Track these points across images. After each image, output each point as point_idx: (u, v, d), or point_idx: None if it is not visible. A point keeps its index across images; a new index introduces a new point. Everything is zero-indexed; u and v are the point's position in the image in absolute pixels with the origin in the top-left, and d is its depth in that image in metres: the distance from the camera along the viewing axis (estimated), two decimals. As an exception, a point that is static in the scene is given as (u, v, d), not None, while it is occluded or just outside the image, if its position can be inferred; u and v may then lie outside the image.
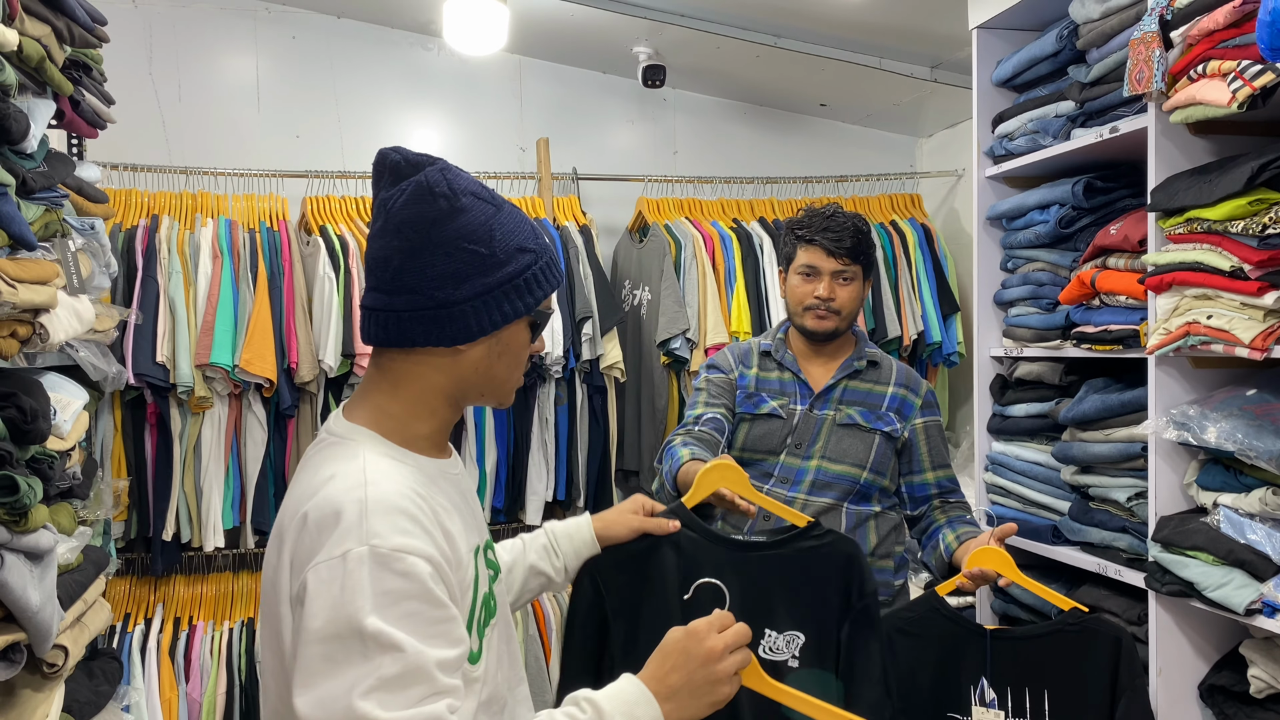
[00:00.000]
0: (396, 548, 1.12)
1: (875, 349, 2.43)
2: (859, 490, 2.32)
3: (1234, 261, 1.94)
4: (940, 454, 2.39)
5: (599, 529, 1.70)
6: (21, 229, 1.85)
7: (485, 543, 1.37)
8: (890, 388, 2.38)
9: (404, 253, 1.22)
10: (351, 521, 1.13)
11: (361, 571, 1.10)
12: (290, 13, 3.80)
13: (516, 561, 1.64)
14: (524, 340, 1.30)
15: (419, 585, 1.12)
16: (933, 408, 2.41)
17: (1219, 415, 2.03)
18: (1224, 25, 1.92)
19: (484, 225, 1.23)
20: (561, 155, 3.85)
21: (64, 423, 2.07)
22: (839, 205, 2.39)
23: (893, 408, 2.35)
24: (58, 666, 1.97)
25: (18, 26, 1.95)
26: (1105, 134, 2.39)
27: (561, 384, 3.55)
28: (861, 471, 2.31)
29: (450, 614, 1.15)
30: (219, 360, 3.14)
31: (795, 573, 1.82)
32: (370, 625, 1.08)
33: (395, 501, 1.15)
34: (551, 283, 1.29)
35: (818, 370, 2.38)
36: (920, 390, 2.40)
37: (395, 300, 1.23)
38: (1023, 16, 2.78)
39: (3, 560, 1.72)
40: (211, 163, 3.53)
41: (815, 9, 3.23)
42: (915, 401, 2.38)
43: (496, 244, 1.23)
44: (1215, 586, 2.00)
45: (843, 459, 2.31)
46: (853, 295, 2.33)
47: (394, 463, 1.23)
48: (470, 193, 1.25)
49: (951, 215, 4.08)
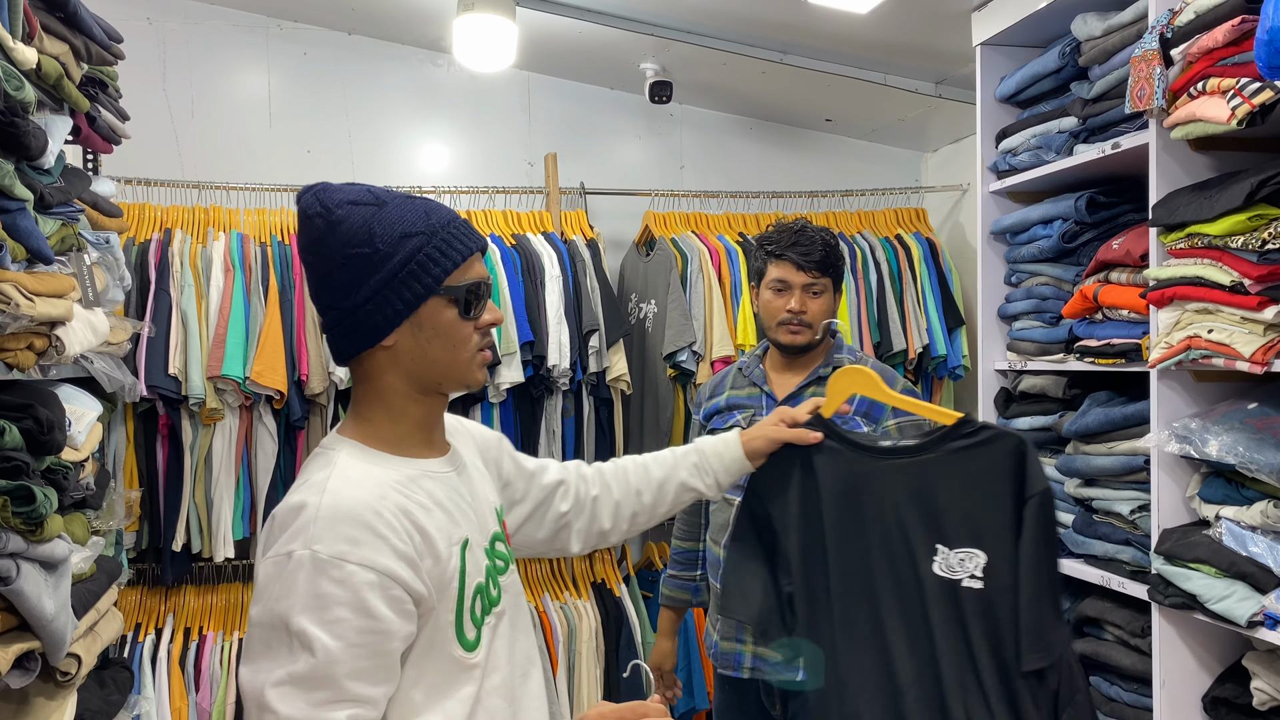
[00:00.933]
0: (336, 555, 1.18)
1: (849, 354, 2.40)
2: None
3: (1234, 276, 1.96)
4: None
5: (745, 443, 1.74)
6: (39, 243, 1.89)
7: (493, 535, 1.42)
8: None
9: (313, 278, 1.32)
10: (302, 524, 1.20)
11: (299, 574, 1.17)
12: (302, 29, 3.85)
13: (668, 478, 1.73)
14: (449, 319, 1.31)
15: (351, 594, 1.17)
16: None
17: (1220, 429, 2.04)
18: (1223, 43, 1.95)
19: (363, 227, 1.27)
20: (569, 170, 3.88)
21: (78, 434, 2.10)
22: (807, 220, 2.41)
23: (861, 410, 2.29)
24: (71, 675, 1.99)
25: (37, 45, 1.99)
26: (1107, 150, 2.41)
27: (569, 396, 3.57)
28: None
29: (383, 627, 1.20)
30: (230, 372, 3.17)
31: (956, 478, 1.67)
32: (295, 624, 1.16)
33: (349, 509, 1.21)
34: (450, 256, 1.29)
35: (789, 381, 2.37)
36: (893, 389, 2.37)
37: (325, 320, 1.32)
38: (1026, 33, 2.81)
39: (19, 569, 1.75)
40: (224, 177, 3.57)
41: (821, 25, 3.26)
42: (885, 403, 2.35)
43: (378, 239, 1.26)
44: (1218, 599, 2.01)
45: None
46: (823, 308, 2.34)
47: (367, 466, 1.28)
48: (347, 202, 1.29)
49: (957, 229, 4.10)
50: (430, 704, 1.27)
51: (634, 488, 1.72)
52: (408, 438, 1.35)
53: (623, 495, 1.71)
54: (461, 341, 1.33)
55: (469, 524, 1.36)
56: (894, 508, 1.70)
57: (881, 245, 3.78)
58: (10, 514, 1.72)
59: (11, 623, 1.78)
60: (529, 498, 1.65)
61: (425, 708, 1.27)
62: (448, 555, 1.29)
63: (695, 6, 3.28)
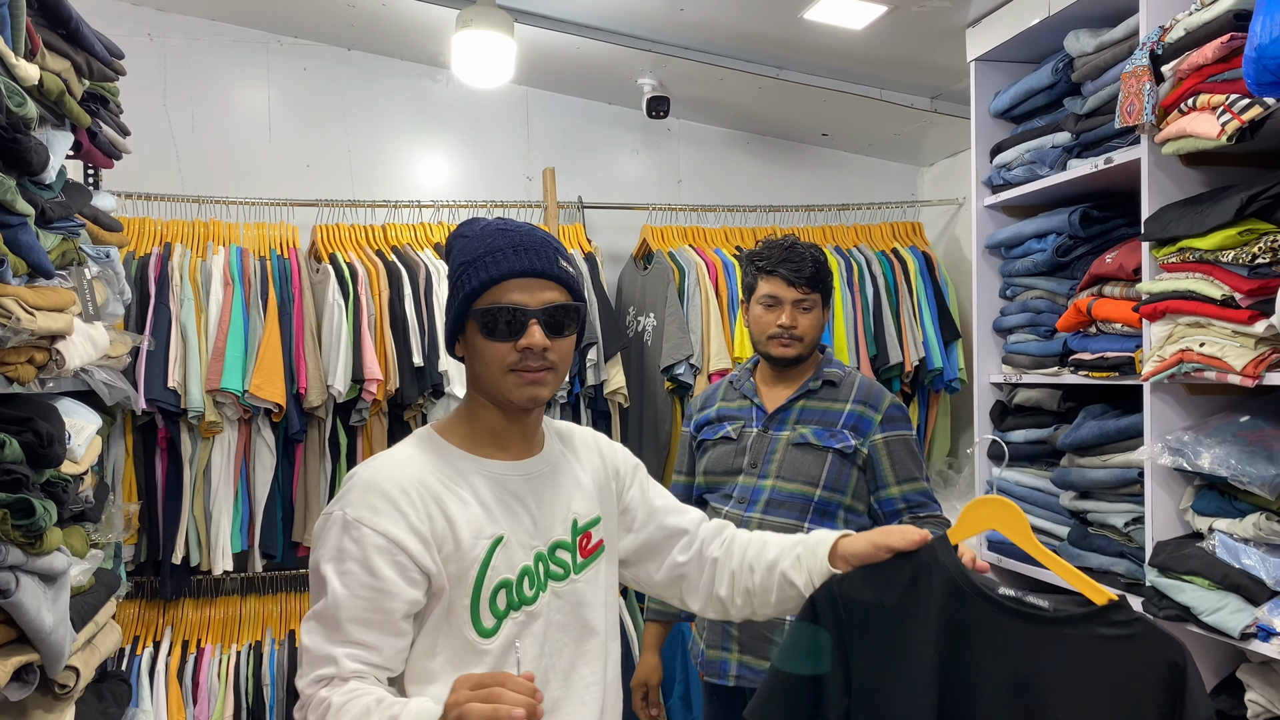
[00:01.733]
0: (357, 519, 1.37)
1: (838, 368, 2.43)
2: (817, 508, 2.32)
3: (1225, 290, 1.97)
4: (906, 468, 2.34)
5: (841, 541, 1.50)
6: (40, 258, 1.90)
7: (555, 543, 1.50)
8: (848, 405, 2.36)
9: None
10: (345, 490, 1.43)
11: (332, 530, 1.39)
12: (302, 45, 3.87)
13: (777, 562, 1.57)
14: (480, 341, 1.44)
15: (361, 552, 1.36)
16: (897, 422, 2.36)
17: (1213, 441, 2.06)
18: (1212, 60, 1.97)
19: (453, 258, 1.47)
20: (567, 184, 3.90)
21: (78, 447, 2.11)
22: (796, 236, 2.45)
23: (849, 425, 2.33)
24: (69, 688, 2.00)
25: (39, 61, 2.01)
26: (1100, 164, 2.44)
27: (566, 409, 3.58)
28: (814, 489, 2.32)
29: (385, 587, 1.35)
30: (229, 385, 3.18)
31: (1088, 667, 1.32)
32: (322, 569, 1.38)
33: (378, 484, 1.40)
34: (472, 283, 1.42)
35: (779, 394, 2.42)
36: (881, 405, 2.36)
37: None
38: (1019, 49, 2.83)
39: (18, 582, 1.76)
40: (223, 192, 3.59)
41: (816, 41, 3.29)
42: (874, 417, 2.34)
43: (453, 269, 1.46)
44: (1211, 611, 2.02)
45: (795, 478, 2.33)
46: (813, 322, 2.38)
47: (420, 452, 1.47)
48: (460, 235, 1.49)
49: (953, 243, 4.12)
50: (443, 676, 1.38)
51: (748, 561, 1.60)
52: (480, 438, 1.49)
53: (738, 566, 1.61)
54: (491, 360, 1.44)
55: (515, 525, 1.46)
56: (997, 673, 1.35)
57: (878, 259, 3.80)
58: (10, 527, 1.73)
59: (10, 635, 1.79)
60: (643, 532, 1.66)
61: (438, 677, 1.40)
62: (471, 545, 1.41)
63: (692, 22, 3.31)
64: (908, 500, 2.34)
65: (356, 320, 3.35)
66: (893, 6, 2.96)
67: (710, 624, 2.39)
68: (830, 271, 2.42)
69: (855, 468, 2.34)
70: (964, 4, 2.88)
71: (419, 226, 3.68)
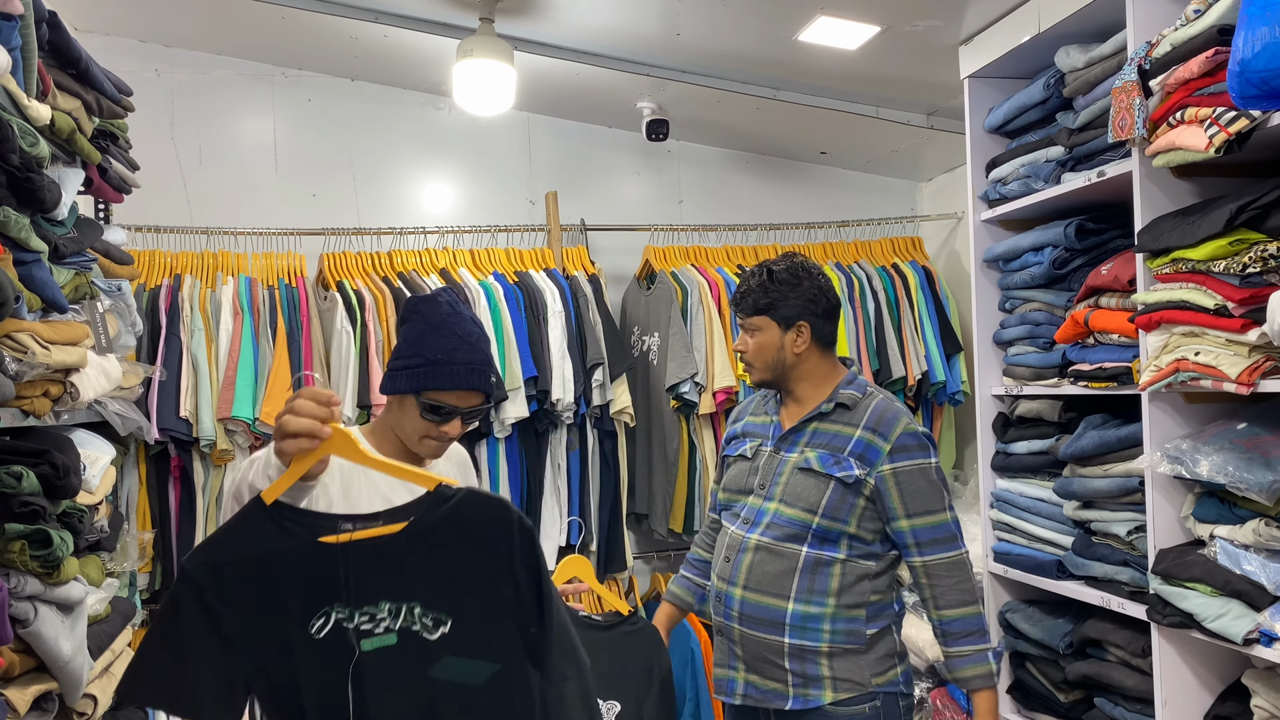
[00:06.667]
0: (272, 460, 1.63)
1: (857, 390, 2.32)
2: (816, 534, 2.25)
3: (1218, 300, 2.00)
4: (919, 501, 2.21)
5: None
6: (54, 293, 1.95)
7: None
8: (858, 431, 2.25)
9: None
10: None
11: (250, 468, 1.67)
12: (306, 77, 3.93)
13: None
14: (414, 412, 1.85)
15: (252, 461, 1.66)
16: (910, 451, 2.22)
17: (1211, 449, 2.08)
18: (1199, 74, 2.00)
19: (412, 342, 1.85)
20: (570, 207, 3.95)
21: (93, 478, 2.15)
22: (765, 263, 2.38)
23: (856, 452, 2.23)
24: (87, 716, 2.03)
25: (50, 101, 2.06)
26: (1094, 178, 2.47)
27: (573, 429, 3.61)
28: (813, 517, 2.24)
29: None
30: (240, 413, 3.22)
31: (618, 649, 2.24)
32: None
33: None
34: (433, 381, 1.82)
35: (794, 413, 2.35)
36: (891, 434, 2.23)
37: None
38: (1012, 66, 2.87)
39: (36, 611, 1.79)
40: (231, 223, 3.64)
41: (812, 62, 3.34)
42: (882, 446, 2.22)
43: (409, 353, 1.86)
44: (1214, 617, 2.04)
45: (796, 503, 2.27)
46: (759, 345, 2.32)
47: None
48: (421, 316, 1.87)
49: (953, 256, 4.15)
50: None
51: None
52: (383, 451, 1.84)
53: None
54: (416, 429, 1.87)
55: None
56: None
57: (878, 274, 3.83)
58: (28, 557, 1.77)
59: (30, 664, 1.82)
60: None
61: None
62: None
63: (689, 47, 3.36)
64: (916, 536, 2.22)
65: (364, 346, 3.39)
66: (886, 27, 3.00)
67: (717, 643, 2.39)
68: (781, 293, 2.31)
69: (861, 497, 2.23)
70: (956, 23, 2.92)
71: (424, 252, 3.72)
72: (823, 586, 2.23)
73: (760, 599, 2.27)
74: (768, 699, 2.27)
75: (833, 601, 2.23)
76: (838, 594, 2.23)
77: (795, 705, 2.24)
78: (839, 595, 2.23)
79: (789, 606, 2.23)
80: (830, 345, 2.35)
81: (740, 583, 2.29)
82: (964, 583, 2.19)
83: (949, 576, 2.19)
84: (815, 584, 2.23)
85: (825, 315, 2.33)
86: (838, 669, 2.22)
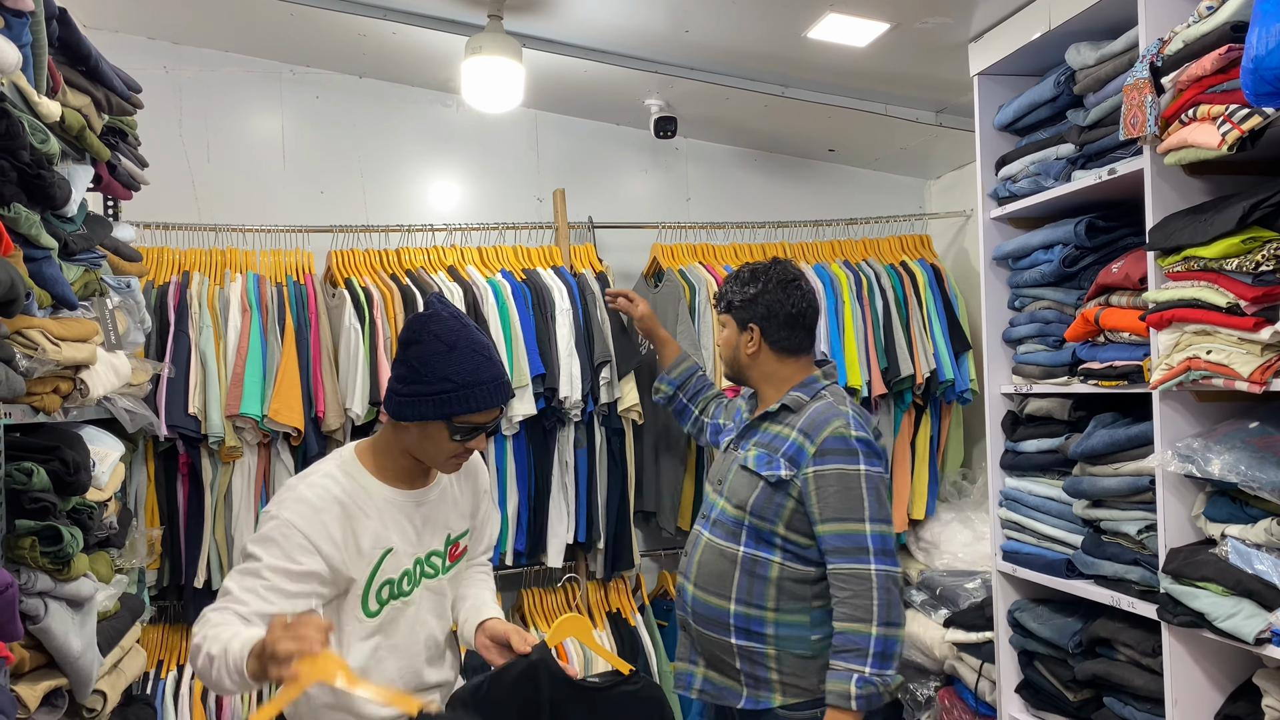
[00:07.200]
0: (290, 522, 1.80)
1: (803, 393, 2.36)
2: (749, 532, 2.30)
3: (1230, 298, 1.99)
4: (831, 506, 2.21)
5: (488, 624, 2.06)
6: (64, 290, 1.95)
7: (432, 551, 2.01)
8: (793, 433, 2.30)
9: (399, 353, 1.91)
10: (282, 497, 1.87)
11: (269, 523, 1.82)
12: (314, 74, 3.94)
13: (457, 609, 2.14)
14: (443, 436, 1.87)
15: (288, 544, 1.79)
16: (834, 455, 2.23)
17: (1223, 448, 2.07)
18: (1211, 71, 1.99)
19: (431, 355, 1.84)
20: (577, 205, 3.94)
21: (102, 474, 2.16)
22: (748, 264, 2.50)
23: (788, 454, 2.27)
24: (97, 712, 2.03)
25: (60, 98, 2.06)
26: (1104, 175, 2.46)
27: (580, 427, 3.61)
28: (743, 514, 2.31)
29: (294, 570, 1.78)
30: (248, 411, 3.22)
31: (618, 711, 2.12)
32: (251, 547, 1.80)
33: (308, 499, 1.85)
34: (465, 405, 1.83)
35: (758, 412, 2.44)
36: (818, 437, 2.25)
37: (390, 382, 1.91)
38: (1022, 63, 2.86)
39: (46, 608, 1.80)
40: (240, 220, 3.64)
41: (821, 59, 3.33)
42: (809, 449, 2.25)
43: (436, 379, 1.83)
44: (1225, 617, 2.03)
45: (733, 499, 2.34)
46: (723, 341, 2.49)
47: (341, 474, 1.91)
48: (436, 338, 1.85)
49: (961, 254, 4.14)
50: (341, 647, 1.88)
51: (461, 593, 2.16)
52: (389, 468, 1.95)
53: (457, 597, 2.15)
54: (444, 452, 1.90)
55: (403, 539, 1.94)
56: None
57: (887, 272, 3.82)
58: (39, 553, 1.77)
59: (39, 660, 1.83)
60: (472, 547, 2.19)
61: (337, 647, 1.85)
62: (370, 551, 1.89)
63: (697, 44, 3.35)
64: (826, 541, 2.23)
65: (373, 343, 3.40)
66: (895, 24, 2.99)
67: (680, 637, 2.48)
68: (741, 291, 2.43)
69: (790, 498, 2.26)
70: (966, 20, 2.91)
71: (432, 250, 3.72)
72: (761, 589, 2.28)
73: (707, 597, 2.34)
74: (723, 695, 2.33)
75: (772, 605, 2.27)
76: (776, 598, 2.27)
77: (748, 705, 2.30)
78: (778, 599, 2.27)
79: (731, 607, 2.28)
80: (792, 352, 2.41)
81: (692, 578, 2.38)
82: (859, 598, 2.17)
83: (845, 588, 2.20)
84: (755, 585, 2.28)
85: (786, 323, 2.39)
86: (786, 673, 2.26)
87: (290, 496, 1.85)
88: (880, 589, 2.16)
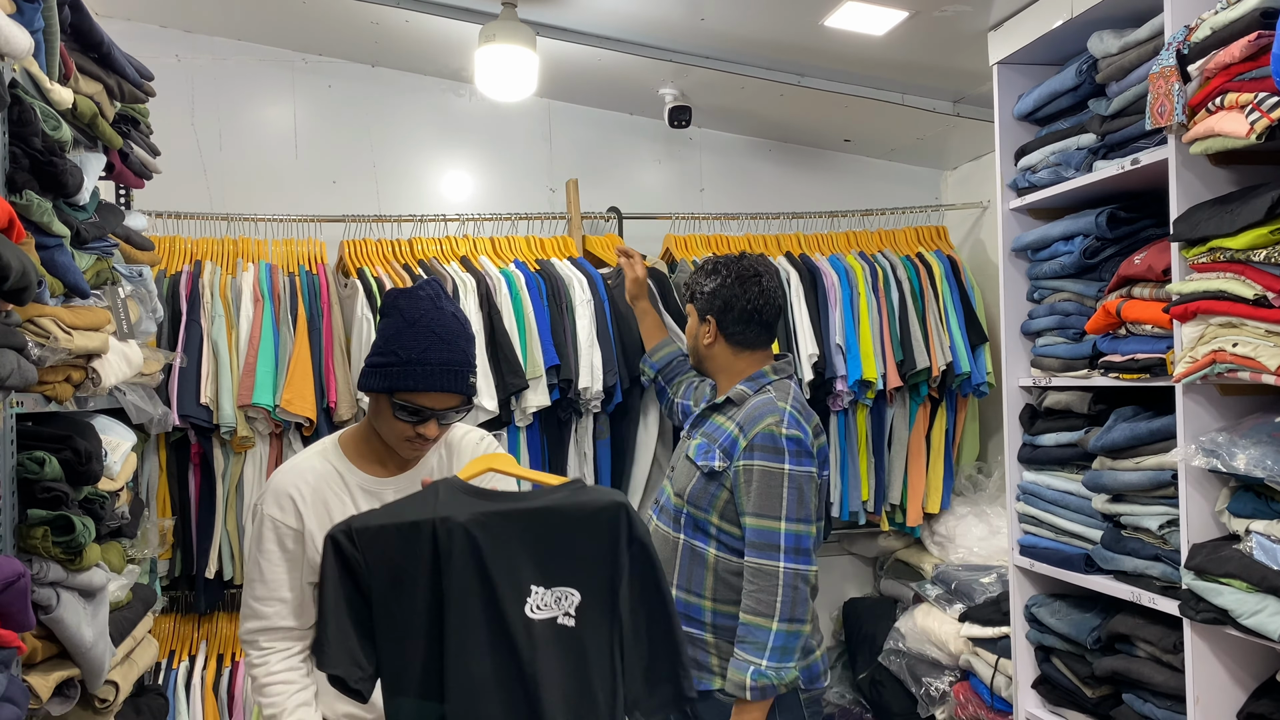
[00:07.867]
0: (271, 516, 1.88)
1: (748, 387, 2.39)
2: (687, 521, 2.37)
3: (1257, 290, 1.96)
4: (752, 501, 2.25)
5: None
6: (76, 278, 1.93)
7: None
8: (731, 425, 2.35)
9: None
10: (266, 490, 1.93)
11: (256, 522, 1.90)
12: (326, 63, 3.92)
13: None
14: (388, 413, 1.84)
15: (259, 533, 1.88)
16: (761, 451, 2.26)
17: (1248, 442, 2.04)
18: (1240, 59, 1.95)
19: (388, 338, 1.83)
20: (591, 195, 3.92)
21: (114, 464, 2.14)
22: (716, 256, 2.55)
23: (724, 445, 2.33)
24: (109, 702, 2.02)
25: (73, 85, 2.05)
26: (1127, 165, 2.42)
27: (602, 418, 3.56)
28: (682, 502, 2.38)
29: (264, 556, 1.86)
30: (260, 400, 3.21)
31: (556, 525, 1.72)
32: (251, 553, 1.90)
33: (285, 489, 1.89)
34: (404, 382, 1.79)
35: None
36: (750, 432, 2.28)
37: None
38: (1042, 52, 2.82)
39: (58, 598, 1.78)
40: (252, 209, 3.63)
41: (837, 48, 3.29)
42: (741, 443, 2.29)
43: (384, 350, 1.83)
44: (1249, 614, 2.00)
45: (674, 486, 2.42)
46: (688, 330, 2.57)
47: (320, 462, 1.93)
48: (399, 311, 1.84)
49: (978, 246, 4.10)
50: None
51: None
52: (368, 454, 1.95)
53: None
54: (394, 430, 1.86)
55: None
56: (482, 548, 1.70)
57: (903, 264, 3.79)
58: (50, 543, 1.76)
59: (51, 650, 1.82)
60: None
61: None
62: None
63: (713, 32, 3.32)
64: (747, 538, 2.26)
65: (384, 334, 3.38)
66: (914, 12, 2.95)
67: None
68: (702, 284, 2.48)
69: (724, 489, 2.31)
70: (985, 8, 2.87)
71: (445, 240, 3.70)
72: (699, 577, 2.33)
73: None
74: None
75: (710, 594, 2.32)
76: (714, 587, 2.32)
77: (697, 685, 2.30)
78: (715, 588, 2.32)
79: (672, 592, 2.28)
80: (748, 346, 2.45)
81: None
82: (765, 593, 2.21)
83: (753, 582, 2.24)
84: (693, 574, 2.34)
85: (741, 318, 2.43)
86: (725, 659, 2.30)
87: (268, 486, 1.92)
88: (786, 586, 2.21)
